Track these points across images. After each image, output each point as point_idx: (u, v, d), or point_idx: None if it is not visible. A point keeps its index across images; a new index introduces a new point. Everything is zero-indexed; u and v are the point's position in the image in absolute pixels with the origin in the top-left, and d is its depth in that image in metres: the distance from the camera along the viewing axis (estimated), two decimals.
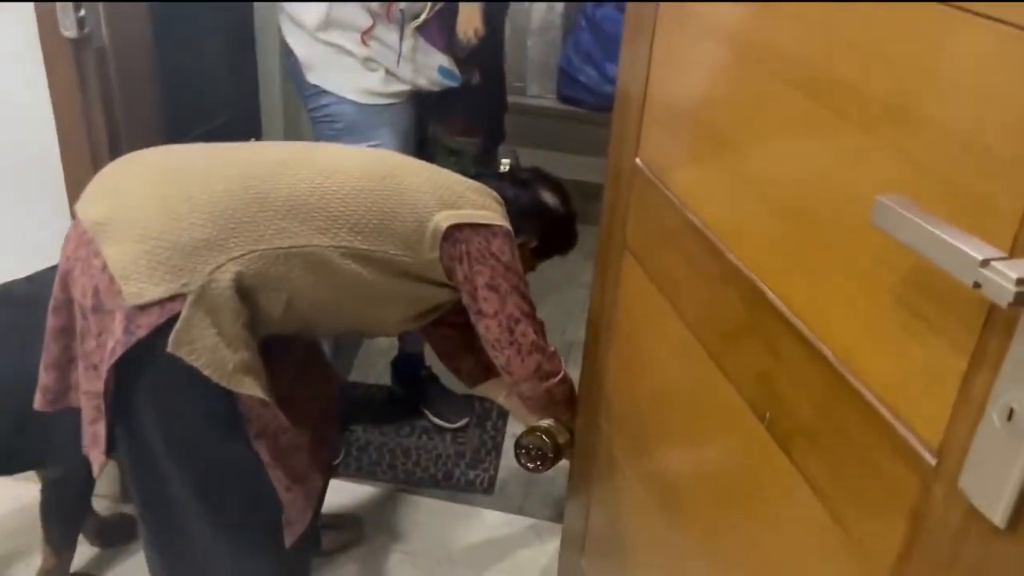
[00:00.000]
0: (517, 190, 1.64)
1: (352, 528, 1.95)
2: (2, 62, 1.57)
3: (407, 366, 2.41)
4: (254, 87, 2.22)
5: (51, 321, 1.29)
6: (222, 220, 1.23)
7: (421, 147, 2.02)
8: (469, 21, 1.80)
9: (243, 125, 2.28)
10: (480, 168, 1.73)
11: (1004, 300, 0.52)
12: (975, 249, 0.54)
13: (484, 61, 1.93)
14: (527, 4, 3.72)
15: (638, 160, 1.26)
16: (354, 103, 1.82)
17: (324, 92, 1.84)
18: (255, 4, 2.26)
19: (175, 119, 1.43)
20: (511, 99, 3.81)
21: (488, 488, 2.14)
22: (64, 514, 1.66)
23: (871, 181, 0.73)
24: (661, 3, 1.16)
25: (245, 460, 1.30)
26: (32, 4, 1.48)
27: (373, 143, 1.84)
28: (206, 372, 1.19)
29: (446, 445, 2.28)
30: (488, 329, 1.48)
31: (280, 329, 1.35)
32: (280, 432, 1.33)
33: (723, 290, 1.01)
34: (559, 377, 1.58)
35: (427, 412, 2.36)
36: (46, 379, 1.33)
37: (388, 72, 1.81)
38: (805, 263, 0.84)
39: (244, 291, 1.24)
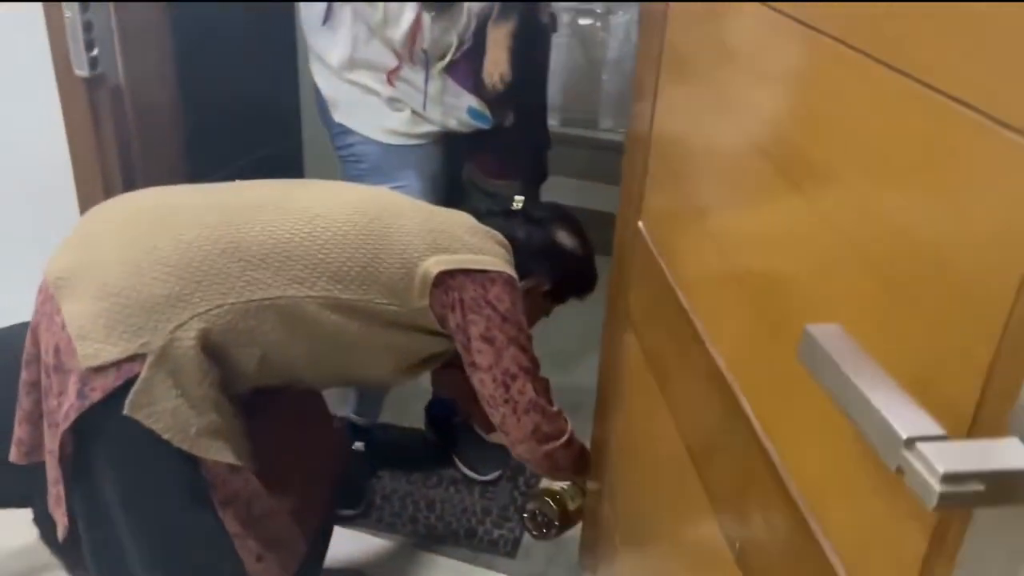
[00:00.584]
0: (530, 229, 1.51)
1: None
2: (20, 100, 1.58)
3: (440, 411, 2.31)
4: (296, 119, 2.18)
5: (24, 374, 1.24)
6: (187, 273, 1.14)
7: (454, 189, 1.93)
8: (495, 65, 1.70)
9: (285, 157, 2.25)
10: (490, 205, 1.61)
11: (928, 499, 0.38)
12: (902, 419, 0.40)
13: (519, 101, 1.82)
14: (603, 36, 3.61)
15: (640, 224, 1.13)
16: (379, 143, 1.75)
17: (350, 131, 1.78)
18: (298, 36, 2.23)
19: (212, 153, 1.35)
20: (581, 133, 3.73)
21: (511, 551, 2.00)
22: (61, 548, 1.63)
23: (836, 293, 0.59)
24: (664, 56, 1.04)
25: (207, 531, 1.21)
26: (48, 44, 1.47)
27: (398, 184, 1.77)
28: (166, 436, 1.11)
29: (473, 499, 2.16)
30: (483, 383, 1.35)
31: (260, 383, 1.26)
32: (253, 498, 1.24)
33: (705, 387, 0.87)
34: (561, 441, 1.40)
35: (458, 461, 2.26)
36: (20, 432, 1.26)
37: (414, 112, 1.73)
38: (777, 377, 0.70)
39: (211, 348, 1.15)
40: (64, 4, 1.41)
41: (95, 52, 1.47)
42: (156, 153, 1.62)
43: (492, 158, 1.89)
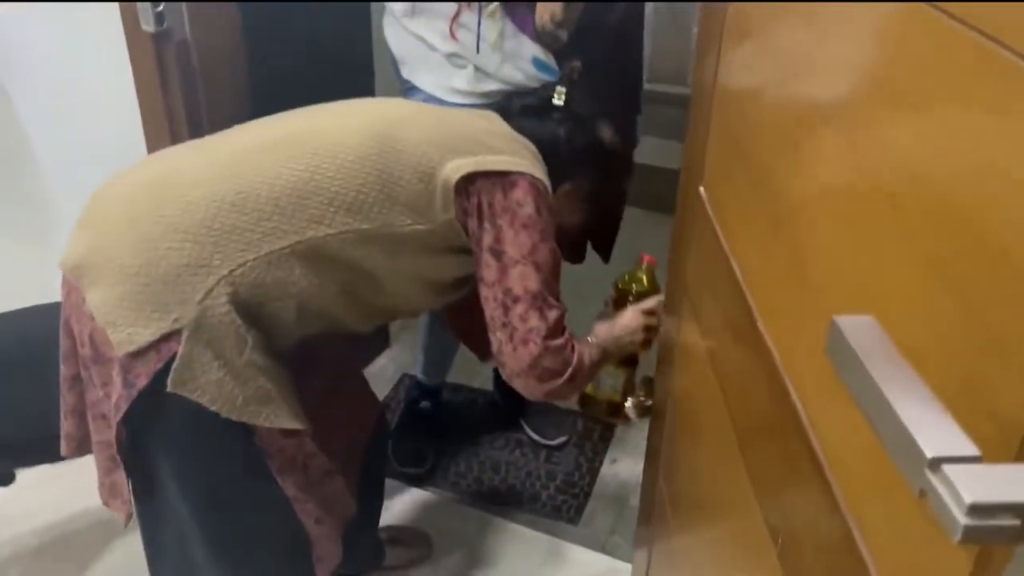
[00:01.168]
0: (571, 126, 1.37)
1: (420, 545, 1.87)
2: (91, 55, 1.60)
3: None
4: (369, 71, 2.15)
5: (63, 370, 1.20)
6: (201, 235, 1.08)
7: None
8: (546, 6, 1.55)
9: None
10: (525, 100, 1.43)
11: (952, 531, 0.32)
12: (930, 434, 0.34)
13: (589, 51, 1.70)
14: None
15: (701, 189, 1.06)
16: (444, 102, 1.70)
17: (417, 88, 1.73)
18: None
19: (280, 106, 1.30)
20: (668, 89, 3.58)
21: (574, 518, 1.98)
22: None
23: (892, 287, 0.52)
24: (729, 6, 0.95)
25: (267, 499, 1.19)
26: (116, 2, 1.49)
27: None
28: (213, 408, 1.07)
29: (539, 463, 2.14)
30: (485, 301, 1.21)
31: (302, 334, 1.22)
32: (309, 460, 1.22)
33: (752, 364, 0.81)
34: (564, 378, 1.24)
35: (525, 426, 2.24)
36: (68, 426, 1.24)
37: (478, 69, 1.67)
38: (824, 366, 0.63)
39: (245, 309, 1.10)
40: None
41: (161, 8, 1.47)
42: (223, 107, 1.63)
43: None
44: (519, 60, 1.64)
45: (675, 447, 1.21)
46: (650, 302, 1.41)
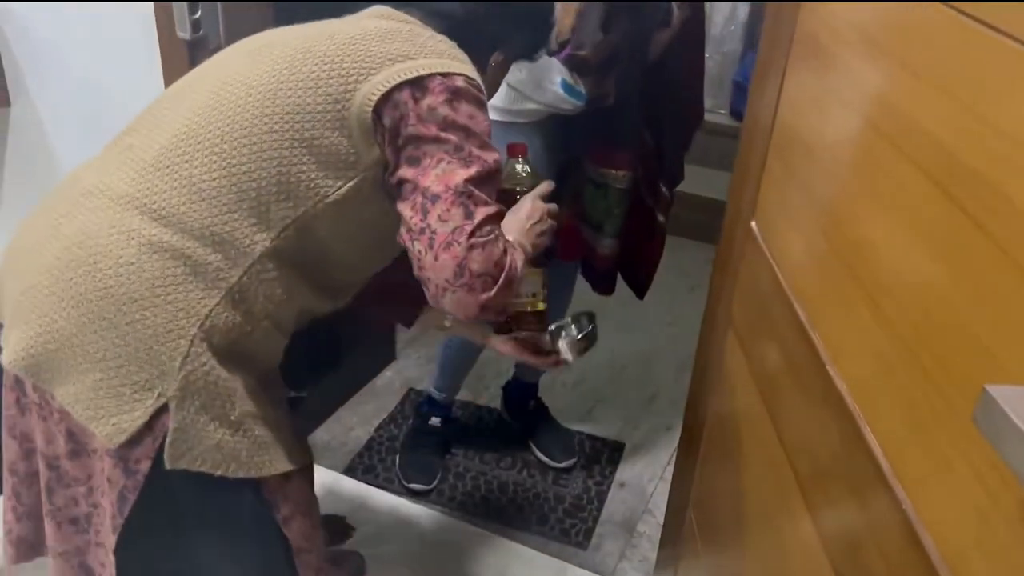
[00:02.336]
0: None
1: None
2: (123, 61, 1.59)
3: (518, 393, 2.28)
4: None
5: (22, 468, 1.09)
6: (156, 300, 0.97)
7: (565, 174, 1.83)
8: (565, 11, 1.50)
9: None
10: None
11: None
12: None
13: (623, 80, 1.70)
14: (708, 13, 3.46)
15: (753, 224, 1.05)
16: None
17: None
18: None
19: None
20: None
21: (583, 542, 1.96)
22: None
23: (1006, 333, 0.51)
24: (795, 40, 0.95)
25: (273, 565, 1.10)
26: (152, 6, 1.47)
27: None
28: (219, 473, 0.98)
29: (547, 485, 2.13)
30: (401, 216, 1.03)
31: (285, 344, 1.12)
32: (310, 504, 1.16)
33: (819, 409, 0.80)
34: (500, 282, 1.03)
35: (532, 446, 2.22)
36: (21, 530, 1.13)
37: (513, 88, 1.66)
38: (914, 411, 0.63)
39: (225, 357, 1.00)
40: None
41: (198, 15, 1.45)
42: None
43: (596, 142, 1.77)
44: (548, 83, 1.64)
45: (710, 475, 1.21)
46: (542, 187, 1.29)
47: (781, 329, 0.91)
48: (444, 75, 1.02)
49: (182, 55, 1.50)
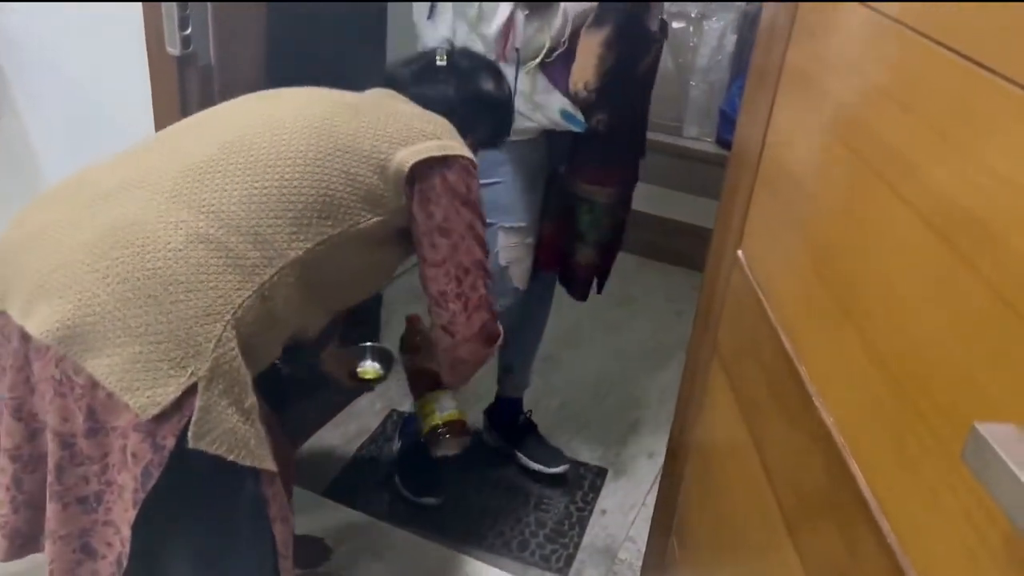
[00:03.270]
0: (460, 83, 1.43)
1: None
2: (112, 76, 1.58)
3: (506, 409, 2.27)
4: None
5: (27, 451, 1.08)
6: (200, 283, 1.03)
7: (550, 188, 1.89)
8: (581, 72, 1.62)
9: None
10: (413, 67, 1.47)
11: None
12: None
13: (614, 107, 1.74)
14: (695, 42, 3.50)
15: (740, 252, 1.06)
16: None
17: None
18: (390, 27, 2.21)
19: None
20: (665, 139, 3.63)
21: (563, 568, 1.94)
22: None
23: (995, 370, 0.51)
24: (784, 67, 0.96)
25: (266, 564, 1.12)
26: (142, 23, 1.46)
27: (495, 180, 1.73)
28: (231, 457, 1.01)
29: (528, 510, 2.11)
30: (434, 280, 1.28)
31: (275, 357, 1.20)
32: (288, 510, 1.17)
33: (806, 443, 0.80)
34: (500, 338, 1.37)
35: (523, 458, 2.20)
36: (16, 521, 1.11)
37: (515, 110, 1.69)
38: (902, 446, 0.63)
39: (244, 347, 1.06)
40: None
41: (188, 31, 1.45)
42: None
43: (585, 162, 1.83)
44: (547, 110, 1.70)
45: (693, 503, 1.20)
46: None
47: (767, 358, 0.91)
48: (461, 157, 1.26)
49: (171, 71, 1.49)
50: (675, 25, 3.48)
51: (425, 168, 1.22)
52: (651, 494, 2.12)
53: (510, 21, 1.60)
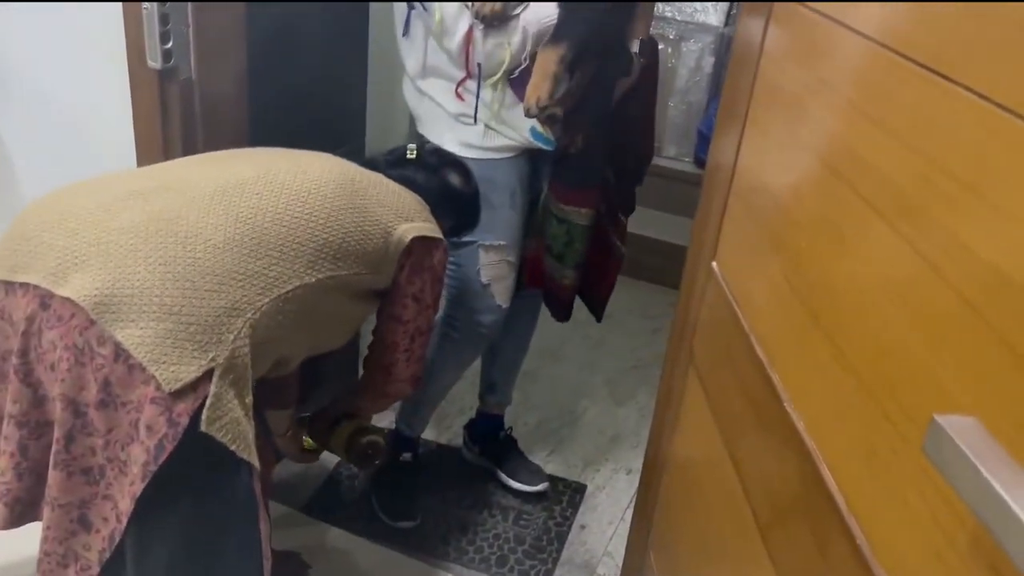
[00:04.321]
0: (427, 175, 1.58)
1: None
2: (92, 90, 1.58)
3: (486, 426, 2.27)
4: (361, 124, 2.16)
5: (16, 431, 1.11)
6: (232, 280, 1.12)
7: (534, 207, 1.88)
8: (534, 89, 1.60)
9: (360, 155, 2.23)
10: (388, 156, 1.62)
11: None
12: None
13: (590, 127, 1.75)
14: (673, 63, 3.55)
15: (714, 264, 1.07)
16: (457, 155, 1.72)
17: (430, 143, 1.76)
18: (371, 43, 2.22)
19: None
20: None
21: None
22: None
23: (962, 373, 0.53)
24: (756, 88, 0.98)
25: (253, 560, 1.15)
26: (123, 37, 1.47)
27: None
28: (233, 447, 1.06)
29: (507, 526, 2.11)
30: (393, 332, 1.45)
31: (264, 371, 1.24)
32: (266, 518, 1.18)
33: (779, 449, 0.81)
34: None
35: (504, 476, 2.20)
36: (18, 489, 1.14)
37: (488, 126, 1.69)
38: (869, 447, 0.64)
39: (253, 351, 1.13)
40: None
41: (169, 44, 1.45)
42: (221, 148, 1.60)
43: (559, 182, 1.82)
44: (517, 127, 1.69)
45: (670, 516, 1.21)
46: None
47: (741, 368, 0.92)
48: (443, 240, 1.44)
49: (152, 85, 1.50)
50: None
51: (420, 244, 1.37)
52: (630, 509, 2.13)
53: (469, 33, 1.61)
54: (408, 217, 1.37)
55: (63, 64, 1.65)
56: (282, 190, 1.24)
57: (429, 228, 1.40)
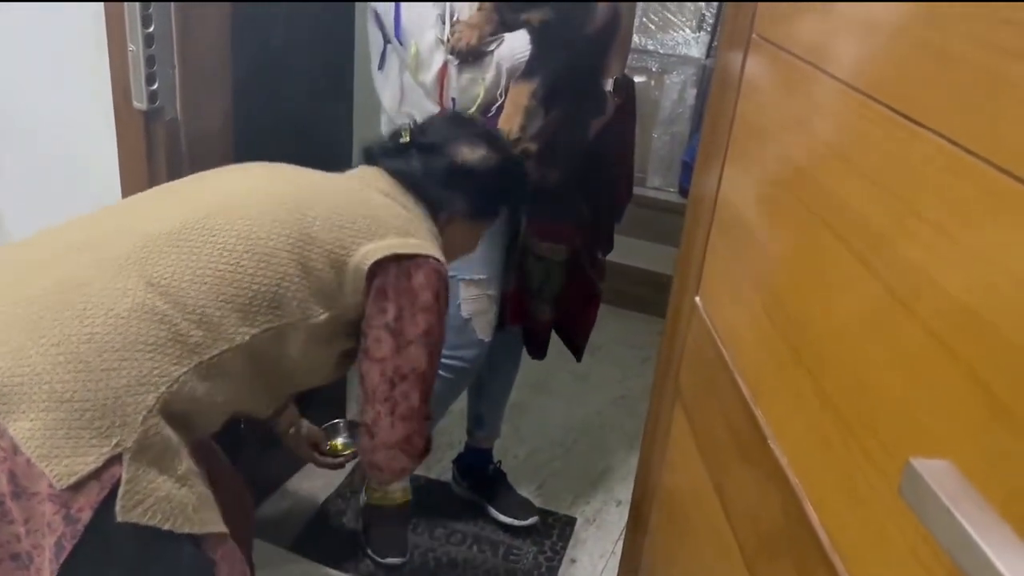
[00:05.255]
0: (426, 158, 1.37)
1: None
2: (77, 131, 1.59)
3: (475, 460, 2.26)
4: (347, 161, 2.18)
5: None
6: (137, 353, 1.01)
7: (513, 243, 1.87)
8: (506, 122, 1.61)
9: None
10: (380, 147, 1.42)
11: None
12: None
13: (564, 164, 1.76)
14: (656, 95, 3.60)
15: (697, 299, 1.08)
16: None
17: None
18: (356, 80, 2.24)
19: None
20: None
21: None
22: None
23: (935, 409, 0.53)
24: (735, 124, 1.00)
25: None
26: (108, 77, 1.48)
27: None
28: (166, 527, 0.98)
29: (497, 561, 2.09)
30: (368, 374, 1.23)
31: (215, 429, 1.17)
32: (244, 567, 1.14)
33: (763, 482, 0.81)
34: (424, 454, 1.30)
35: (493, 510, 2.19)
36: None
37: None
38: (851, 484, 0.64)
39: (178, 421, 1.04)
40: (129, 39, 1.42)
41: (155, 86, 1.47)
42: None
43: (535, 217, 1.83)
44: None
45: (659, 549, 1.20)
46: None
47: (726, 403, 0.93)
48: (431, 258, 1.22)
49: (138, 125, 1.50)
50: (637, 79, 3.57)
51: (387, 264, 1.19)
52: (620, 542, 2.12)
53: (444, 70, 1.63)
54: (373, 235, 1.20)
55: (49, 106, 1.65)
56: (207, 244, 1.10)
57: (402, 244, 1.20)
